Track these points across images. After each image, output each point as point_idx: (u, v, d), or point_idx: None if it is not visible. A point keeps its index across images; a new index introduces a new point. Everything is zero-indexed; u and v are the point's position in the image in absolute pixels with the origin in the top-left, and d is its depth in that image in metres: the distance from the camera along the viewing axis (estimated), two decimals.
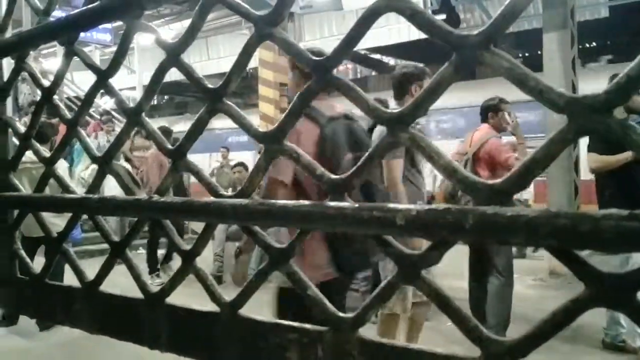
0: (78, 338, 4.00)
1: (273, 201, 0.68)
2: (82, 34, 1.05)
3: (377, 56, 19.81)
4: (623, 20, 11.87)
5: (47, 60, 14.50)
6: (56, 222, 1.02)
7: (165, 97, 25.33)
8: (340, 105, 2.43)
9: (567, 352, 3.76)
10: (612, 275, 0.46)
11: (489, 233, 0.51)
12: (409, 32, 12.33)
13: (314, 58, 0.67)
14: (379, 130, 3.14)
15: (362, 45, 12.81)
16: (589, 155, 3.84)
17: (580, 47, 7.41)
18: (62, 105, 1.05)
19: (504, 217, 0.49)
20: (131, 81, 15.53)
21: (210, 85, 0.79)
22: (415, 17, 0.59)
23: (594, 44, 16.24)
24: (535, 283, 6.13)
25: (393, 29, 12.49)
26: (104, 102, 12.14)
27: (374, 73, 20.61)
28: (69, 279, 1.04)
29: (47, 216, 1.09)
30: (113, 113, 11.26)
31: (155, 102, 24.50)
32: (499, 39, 0.55)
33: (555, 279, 6.14)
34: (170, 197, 0.81)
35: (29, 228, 3.89)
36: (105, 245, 0.92)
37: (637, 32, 11.77)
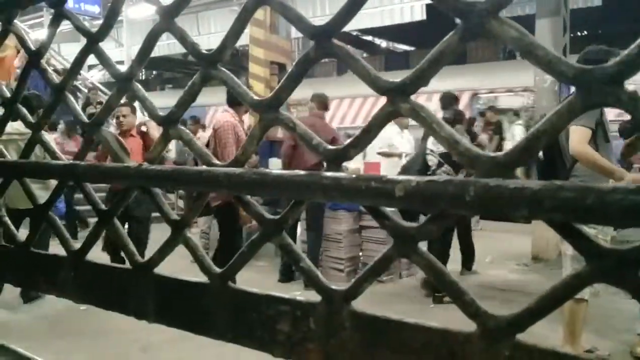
0: (62, 311, 3.99)
1: (267, 170, 0.66)
2: (70, 4, 1.01)
3: (369, 38, 19.70)
4: (616, 10, 11.87)
5: (34, 30, 14.24)
6: (41, 194, 1.00)
7: (154, 72, 25.03)
8: None
9: None
10: (614, 252, 0.46)
11: (491, 206, 0.49)
12: (401, 14, 12.25)
13: (314, 25, 0.65)
14: None
15: (355, 26, 12.73)
16: None
17: (572, 35, 7.40)
18: (50, 70, 1.02)
19: (506, 189, 0.48)
20: (119, 55, 15.30)
21: (205, 51, 0.76)
22: None
23: (586, 32, 16.25)
24: (519, 268, 6.20)
25: (385, 11, 12.39)
26: (90, 75, 11.97)
27: (365, 54, 20.49)
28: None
29: (32, 188, 1.06)
30: (100, 86, 11.13)
31: (144, 77, 24.23)
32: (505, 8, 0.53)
33: (538, 263, 6.21)
34: (161, 165, 0.79)
35: (13, 199, 3.84)
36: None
37: (630, 21, 11.78)
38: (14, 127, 3.52)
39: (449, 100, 5.58)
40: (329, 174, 0.61)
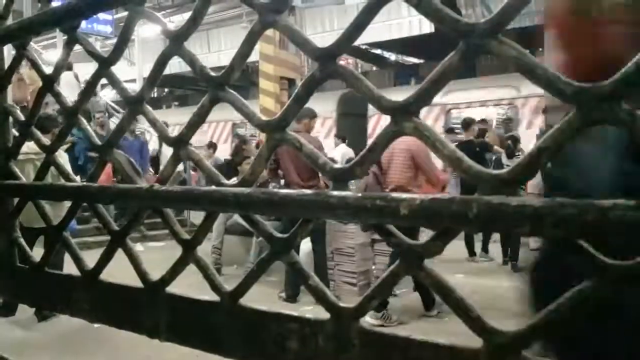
0: (76, 329, 4.00)
1: (275, 190, 0.68)
2: (82, 25, 1.04)
3: (378, 51, 19.77)
4: None
5: (47, 51, 14.48)
6: (50, 211, 1.02)
7: (166, 89, 25.27)
8: None
9: None
10: (617, 266, 0.46)
11: (494, 223, 0.50)
12: (409, 27, 12.31)
13: (319, 47, 0.67)
14: None
15: (363, 39, 12.81)
16: None
17: None
18: (63, 94, 1.04)
19: (509, 206, 0.48)
20: (131, 73, 15.48)
21: (213, 74, 0.78)
22: (421, 5, 0.58)
23: None
24: None
25: (394, 24, 12.47)
26: (103, 95, 12.15)
27: (374, 68, 20.57)
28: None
29: (45, 208, 1.08)
30: (112, 104, 11.34)
31: (156, 94, 24.48)
32: (505, 28, 0.54)
33: None
34: (172, 186, 0.80)
35: (29, 218, 3.88)
36: (102, 238, 0.91)
37: None
38: (30, 147, 3.57)
39: (466, 123, 7.59)
40: (335, 192, 0.62)
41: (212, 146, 10.50)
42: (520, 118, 10.59)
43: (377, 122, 11.90)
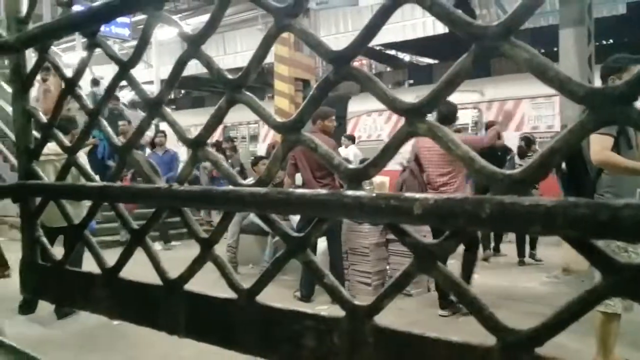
0: (94, 327, 4.06)
1: (291, 190, 0.69)
2: (101, 28, 1.06)
3: (392, 52, 19.73)
4: None
5: (66, 53, 14.65)
6: (70, 211, 1.05)
7: (182, 91, 25.43)
8: None
9: None
10: (630, 266, 0.47)
11: (506, 222, 0.51)
12: (423, 28, 12.27)
13: (333, 50, 0.68)
14: None
15: (377, 40, 12.80)
16: None
17: (597, 44, 7.30)
18: (84, 96, 1.07)
19: (522, 206, 0.49)
20: (148, 75, 15.61)
21: (229, 76, 0.80)
22: (434, 7, 0.59)
23: (612, 41, 16.00)
24: (549, 280, 6.10)
25: (408, 25, 12.44)
26: (122, 96, 12.28)
27: (388, 69, 20.52)
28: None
29: (67, 208, 1.11)
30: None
31: (173, 96, 24.63)
32: (518, 30, 0.55)
33: (569, 275, 6.11)
34: (190, 186, 0.82)
35: (50, 218, 3.94)
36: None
37: None
38: (51, 148, 3.59)
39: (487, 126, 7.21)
40: (349, 192, 0.63)
41: (217, 145, 10.50)
42: (484, 121, 10.78)
43: (356, 124, 12.73)
